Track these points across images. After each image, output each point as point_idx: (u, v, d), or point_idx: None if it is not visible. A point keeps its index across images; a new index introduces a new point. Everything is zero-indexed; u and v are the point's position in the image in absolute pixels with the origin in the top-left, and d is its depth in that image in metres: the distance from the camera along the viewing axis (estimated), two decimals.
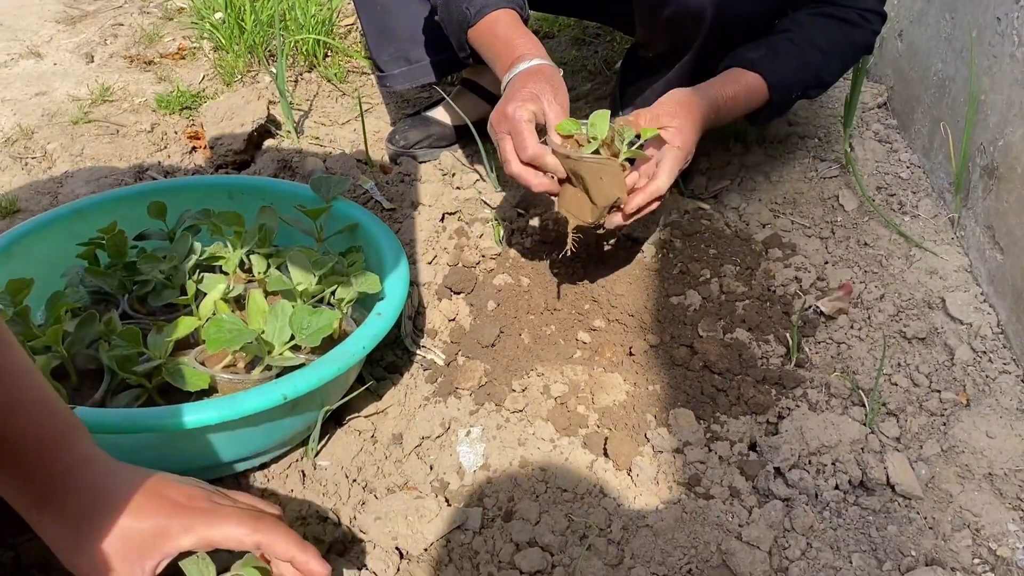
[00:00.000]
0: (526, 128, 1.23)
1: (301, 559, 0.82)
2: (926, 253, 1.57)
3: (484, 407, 1.32)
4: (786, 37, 1.50)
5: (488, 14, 1.36)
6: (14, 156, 1.94)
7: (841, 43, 1.52)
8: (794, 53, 1.49)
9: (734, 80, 1.45)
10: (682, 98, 1.35)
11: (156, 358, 1.08)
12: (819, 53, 1.49)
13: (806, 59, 1.49)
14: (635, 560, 1.09)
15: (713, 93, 1.40)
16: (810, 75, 1.51)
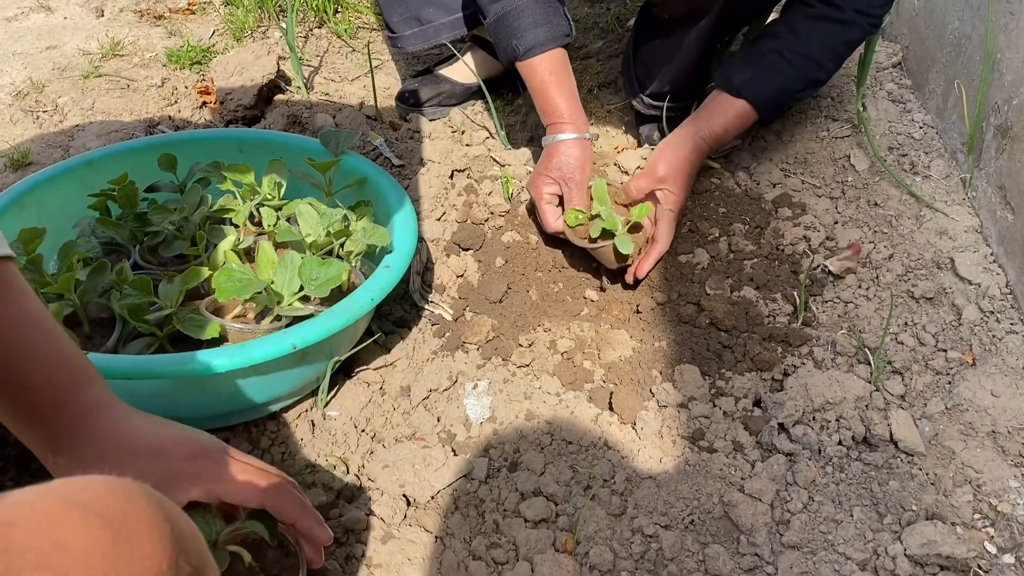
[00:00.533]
0: (547, 209, 1.48)
1: (304, 524, 0.83)
2: (936, 214, 1.56)
3: (491, 361, 1.33)
4: (776, 49, 1.51)
5: (535, 56, 1.48)
6: (25, 109, 1.95)
7: (836, 44, 1.52)
8: (783, 68, 1.51)
9: (722, 110, 1.55)
10: (672, 158, 1.49)
11: (167, 307, 1.09)
12: (810, 61, 1.51)
13: (796, 71, 1.52)
14: (638, 510, 1.10)
15: (703, 135, 1.53)
16: (801, 83, 1.55)
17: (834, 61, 1.54)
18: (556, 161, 1.48)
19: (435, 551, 1.06)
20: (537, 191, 1.48)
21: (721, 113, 1.54)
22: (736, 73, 1.53)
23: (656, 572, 1.04)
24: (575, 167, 1.47)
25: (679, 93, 1.69)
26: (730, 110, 1.52)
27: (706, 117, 1.54)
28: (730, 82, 1.52)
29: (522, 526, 1.09)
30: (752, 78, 1.52)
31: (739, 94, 1.52)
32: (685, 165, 1.48)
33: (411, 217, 1.26)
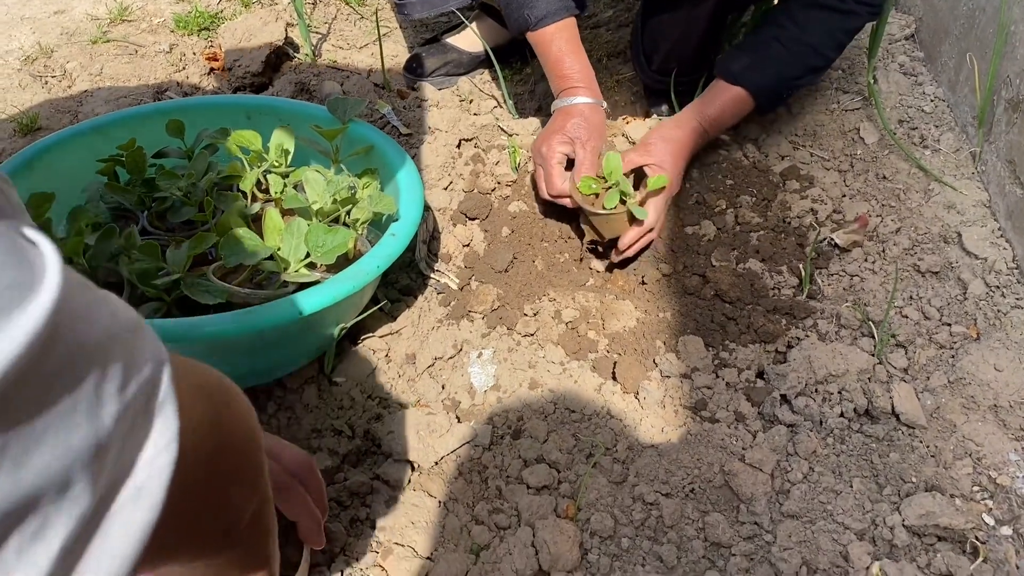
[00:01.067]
0: (556, 169, 1.44)
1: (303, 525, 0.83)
2: (945, 187, 1.56)
3: (496, 330, 1.34)
4: (775, 37, 1.51)
5: (547, 26, 1.47)
6: (34, 74, 1.95)
7: (836, 33, 1.51)
8: (781, 56, 1.51)
9: (718, 96, 1.55)
10: (667, 137, 1.48)
11: (175, 272, 1.10)
12: (809, 49, 1.50)
13: (794, 59, 1.51)
14: (639, 478, 1.11)
15: (700, 120, 1.52)
16: (800, 71, 1.54)
17: (834, 49, 1.53)
18: (573, 122, 1.45)
19: (439, 515, 1.08)
20: (549, 150, 1.44)
21: (718, 99, 1.54)
22: (734, 61, 1.54)
23: (656, 539, 1.06)
24: (591, 130, 1.45)
25: (686, 68, 1.68)
26: (727, 96, 1.53)
27: (704, 102, 1.54)
28: (728, 70, 1.53)
29: (524, 492, 1.11)
30: (750, 66, 1.52)
31: (736, 81, 1.52)
32: (680, 148, 1.47)
33: (417, 185, 1.27)
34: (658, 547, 1.04)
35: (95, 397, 0.30)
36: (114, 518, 0.32)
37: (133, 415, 0.33)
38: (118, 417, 0.31)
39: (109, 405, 0.31)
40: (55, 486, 0.28)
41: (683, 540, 1.05)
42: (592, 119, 1.46)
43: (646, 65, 1.73)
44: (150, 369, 0.34)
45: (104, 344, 0.31)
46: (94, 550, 0.31)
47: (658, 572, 1.02)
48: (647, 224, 1.38)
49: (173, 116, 1.35)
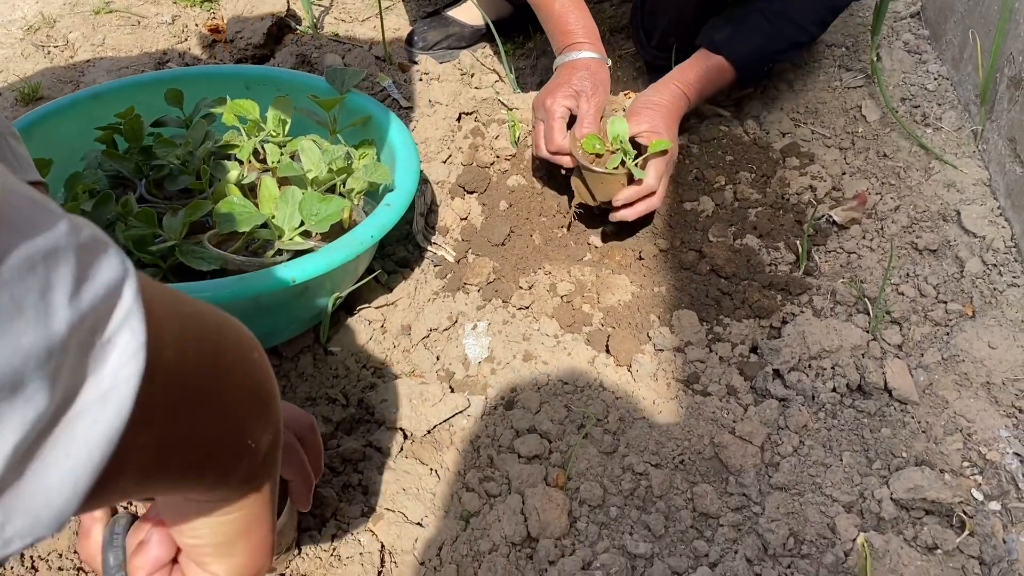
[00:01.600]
0: (557, 123, 1.39)
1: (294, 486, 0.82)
2: (946, 166, 1.55)
3: (491, 303, 1.34)
4: (759, 9, 1.50)
5: None
6: (36, 44, 1.95)
7: (820, 9, 1.51)
8: (763, 27, 1.51)
9: (700, 64, 1.53)
10: (654, 101, 1.45)
11: (171, 239, 1.11)
12: (792, 23, 1.50)
13: (777, 32, 1.51)
14: (629, 449, 1.12)
15: (678, 83, 1.50)
16: (782, 44, 1.54)
17: (817, 25, 1.53)
18: (578, 75, 1.41)
19: (430, 482, 1.09)
20: (553, 102, 1.40)
21: (697, 66, 1.53)
22: (717, 31, 1.53)
23: (644, 508, 1.06)
24: (597, 85, 1.41)
25: (685, 44, 1.67)
26: (707, 64, 1.52)
27: (685, 69, 1.53)
28: (711, 39, 1.53)
29: (515, 461, 1.12)
30: (731, 36, 1.52)
31: (717, 50, 1.52)
32: (669, 112, 1.44)
33: (414, 156, 1.27)
34: (646, 516, 1.05)
35: (43, 303, 0.32)
36: (78, 419, 0.34)
37: (92, 324, 0.35)
38: (71, 324, 0.33)
39: (60, 312, 0.33)
40: (7, 385, 0.30)
41: (671, 510, 1.06)
42: (598, 74, 1.43)
43: (646, 41, 1.73)
44: (108, 282, 0.36)
45: (51, 255, 0.33)
46: (56, 448, 0.33)
47: (645, 541, 1.03)
48: (647, 186, 1.32)
49: (172, 85, 1.36)
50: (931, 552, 1.01)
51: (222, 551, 0.58)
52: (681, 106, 1.49)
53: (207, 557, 0.59)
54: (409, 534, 1.02)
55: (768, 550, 1.02)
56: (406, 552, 1.01)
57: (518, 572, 0.99)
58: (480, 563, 1.00)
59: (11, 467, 0.31)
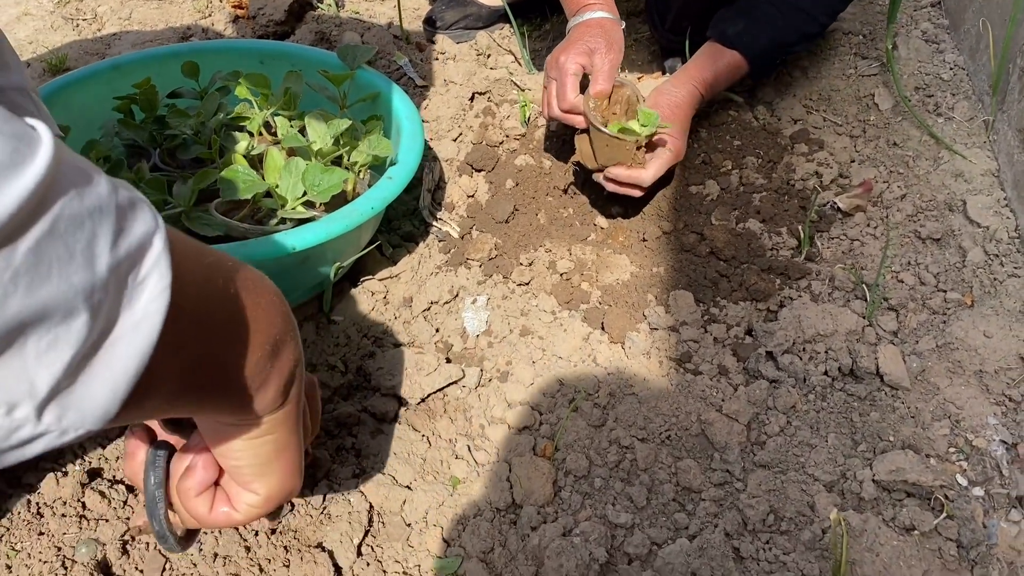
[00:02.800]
0: (570, 80, 1.37)
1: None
2: (955, 156, 1.54)
3: (492, 278, 1.37)
4: (771, 1, 1.50)
5: None
6: (66, 17, 2.00)
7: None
8: (775, 20, 1.50)
9: (714, 60, 1.52)
10: (666, 103, 1.44)
11: (179, 206, 1.15)
12: (801, 13, 1.50)
13: (788, 24, 1.51)
14: (617, 423, 1.15)
15: (696, 83, 1.49)
16: (793, 36, 1.53)
17: (827, 15, 1.53)
18: (592, 33, 1.39)
19: (421, 448, 1.12)
20: (567, 59, 1.37)
21: (713, 63, 1.53)
22: (729, 24, 1.53)
23: (628, 480, 1.09)
24: (611, 43, 1.38)
25: (698, 26, 1.67)
26: (721, 60, 1.52)
27: (699, 66, 1.52)
28: (724, 33, 1.52)
29: (506, 431, 1.15)
30: (745, 29, 1.51)
31: (732, 45, 1.51)
32: (678, 110, 1.44)
33: (419, 132, 1.29)
34: (630, 488, 1.07)
35: (89, 250, 0.41)
36: (117, 343, 0.44)
37: (128, 267, 0.44)
38: (111, 267, 0.42)
39: (102, 258, 0.42)
40: (61, 312, 0.40)
41: (655, 483, 1.09)
42: (612, 32, 1.41)
43: (660, 24, 1.73)
44: (141, 235, 0.44)
45: (95, 212, 0.42)
46: (100, 363, 0.43)
47: (627, 511, 1.05)
48: (642, 178, 1.34)
49: (189, 58, 1.39)
50: (908, 533, 1.02)
51: (260, 471, 0.67)
52: (697, 104, 1.51)
53: (247, 477, 0.68)
54: (397, 496, 1.05)
55: (747, 525, 1.04)
56: (394, 513, 1.04)
57: (500, 536, 1.02)
58: (464, 526, 1.03)
59: (67, 375, 0.41)
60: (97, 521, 1.01)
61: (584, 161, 1.40)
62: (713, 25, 1.56)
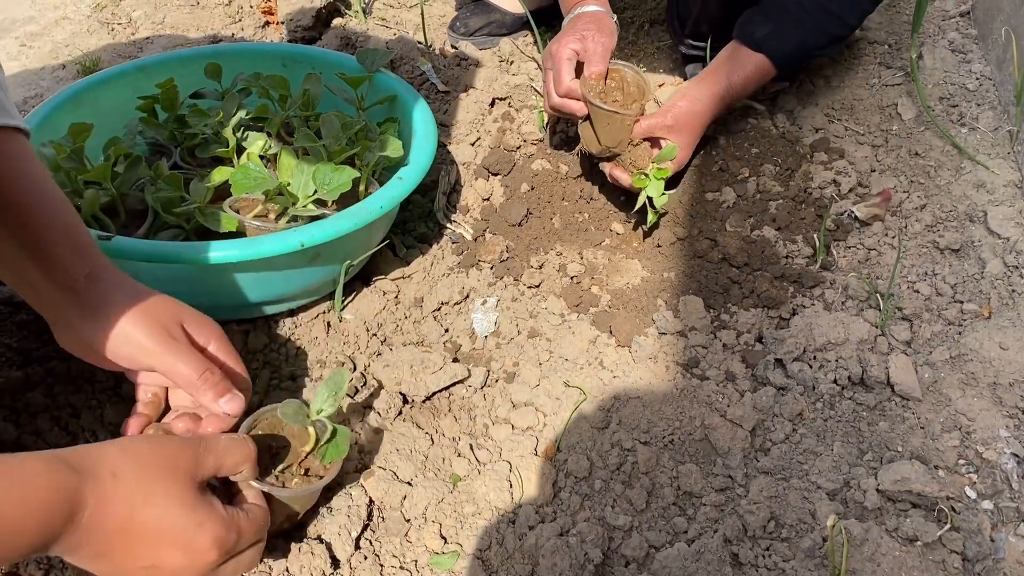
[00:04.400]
0: (565, 65, 1.38)
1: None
2: (977, 166, 1.52)
3: (503, 280, 1.38)
4: (797, 1, 1.48)
5: None
6: (102, 21, 2.06)
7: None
8: (803, 22, 1.48)
9: (742, 65, 1.51)
10: (685, 109, 1.44)
11: (195, 203, 1.17)
12: (831, 16, 1.48)
13: (817, 26, 1.49)
14: (620, 426, 1.14)
15: (721, 89, 1.48)
16: (823, 39, 1.51)
17: (856, 17, 1.50)
18: (583, 23, 1.42)
19: (423, 446, 1.13)
20: (559, 48, 1.40)
21: (740, 67, 1.51)
22: (756, 26, 1.50)
23: (629, 483, 1.09)
24: (602, 29, 1.40)
25: (718, 33, 1.67)
26: (749, 64, 1.50)
27: (726, 72, 1.51)
28: (750, 35, 1.50)
29: (509, 432, 1.15)
30: (772, 32, 1.49)
31: (759, 48, 1.49)
32: (697, 119, 1.44)
33: (432, 134, 1.31)
34: (630, 491, 1.07)
35: None
36: None
37: None
38: None
39: None
40: None
41: (655, 487, 1.08)
42: (603, 21, 1.43)
43: (679, 29, 1.73)
44: None
45: None
46: None
47: (626, 514, 1.05)
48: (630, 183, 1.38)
49: (212, 60, 1.43)
50: (911, 543, 1.01)
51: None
52: (718, 112, 1.50)
53: None
54: (398, 491, 1.06)
55: (747, 531, 1.03)
56: (393, 508, 1.05)
57: (498, 534, 1.02)
58: (463, 524, 1.04)
59: None
60: None
61: (588, 146, 1.42)
62: (739, 26, 1.54)
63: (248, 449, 0.85)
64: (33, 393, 1.14)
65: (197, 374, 0.90)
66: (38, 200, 0.89)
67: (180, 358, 0.90)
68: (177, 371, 0.90)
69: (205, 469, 0.80)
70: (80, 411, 1.13)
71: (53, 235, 0.90)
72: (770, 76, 1.53)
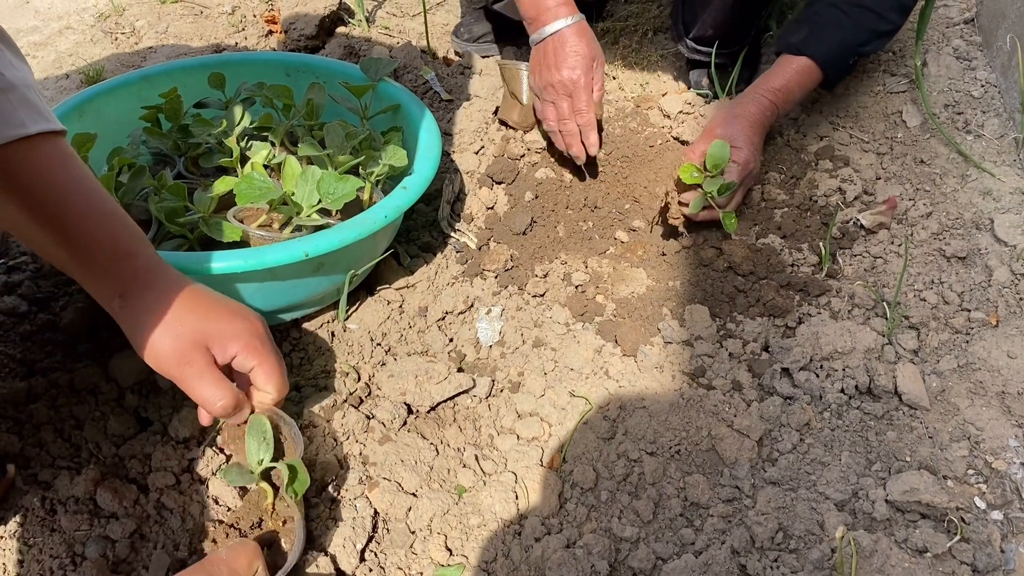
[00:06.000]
0: (574, 143, 1.45)
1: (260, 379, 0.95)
2: (983, 173, 1.52)
3: (507, 289, 1.37)
4: (831, 3, 1.47)
5: None
6: (105, 31, 2.06)
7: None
8: (841, 21, 1.47)
9: (783, 69, 1.50)
10: (728, 115, 1.44)
11: (199, 213, 1.17)
12: (868, 12, 1.46)
13: (856, 24, 1.47)
14: (627, 437, 1.14)
15: (762, 91, 1.48)
16: (864, 35, 1.49)
17: (897, 11, 1.48)
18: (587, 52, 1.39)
19: (428, 456, 1.12)
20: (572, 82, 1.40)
21: (781, 72, 1.50)
22: (793, 34, 1.51)
23: (635, 494, 1.08)
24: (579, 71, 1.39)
25: (724, 38, 1.67)
26: (792, 68, 1.49)
27: (770, 76, 1.50)
28: (788, 43, 1.50)
29: (515, 442, 1.14)
30: (810, 34, 1.49)
31: (799, 52, 1.48)
32: (743, 121, 1.43)
33: (436, 143, 1.31)
34: (636, 502, 1.06)
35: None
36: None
37: None
38: None
39: None
40: None
41: (662, 498, 1.07)
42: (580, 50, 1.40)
43: (684, 33, 1.73)
44: None
45: None
46: None
47: (633, 525, 1.04)
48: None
49: (216, 69, 1.42)
50: (920, 555, 1.00)
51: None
52: (769, 115, 1.48)
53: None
54: (403, 503, 1.05)
55: (755, 542, 1.02)
56: (398, 520, 1.04)
57: (504, 546, 1.02)
58: (468, 535, 1.03)
59: None
60: (108, 519, 1.02)
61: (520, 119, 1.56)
62: (780, 39, 1.54)
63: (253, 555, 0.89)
64: (37, 404, 1.13)
65: (208, 405, 0.92)
66: (78, 210, 0.89)
67: (193, 389, 0.91)
68: (195, 398, 0.92)
69: None
70: (83, 423, 1.12)
71: (92, 250, 0.90)
72: (816, 79, 1.51)
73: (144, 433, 1.13)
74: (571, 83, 1.40)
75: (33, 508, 1.02)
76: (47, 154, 0.88)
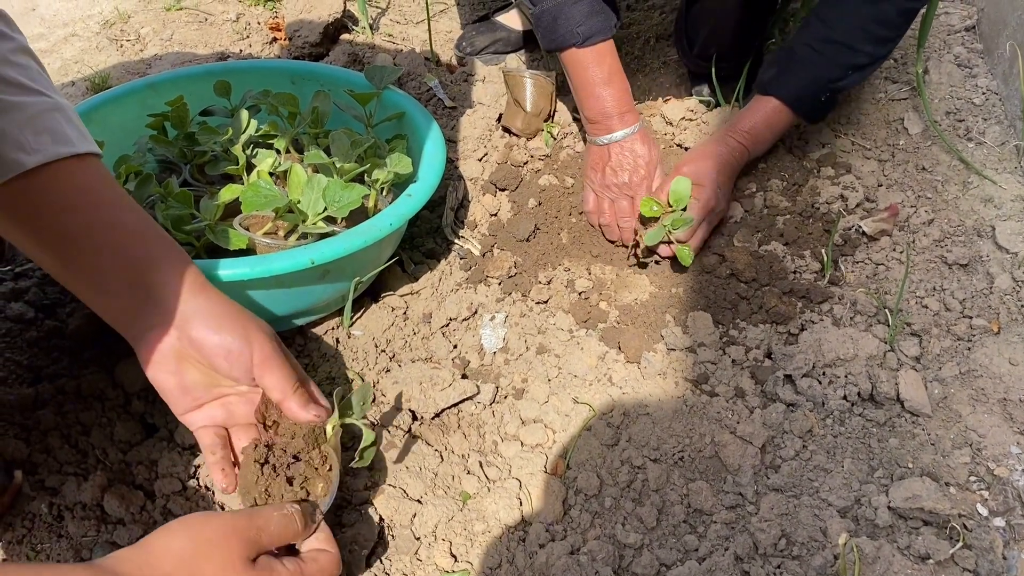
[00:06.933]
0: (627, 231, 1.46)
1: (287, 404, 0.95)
2: (984, 181, 1.52)
3: (511, 296, 1.38)
4: (804, 41, 1.45)
5: (594, 45, 1.39)
6: (111, 38, 2.07)
7: (867, 25, 1.40)
8: (811, 58, 1.45)
9: (752, 111, 1.52)
10: (698, 155, 1.46)
11: (205, 220, 1.18)
12: (839, 46, 1.42)
13: (828, 60, 1.44)
14: (630, 444, 1.14)
15: (733, 133, 1.50)
16: (837, 71, 1.45)
17: (871, 43, 1.43)
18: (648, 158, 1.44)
19: (433, 463, 1.13)
20: (603, 216, 1.47)
21: (751, 113, 1.51)
22: (765, 72, 1.51)
23: (639, 501, 1.08)
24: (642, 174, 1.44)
25: (726, 52, 1.67)
26: (759, 109, 1.50)
27: (738, 117, 1.52)
28: (760, 82, 1.51)
29: (519, 449, 1.15)
30: (778, 74, 1.48)
31: (767, 92, 1.50)
32: (710, 161, 1.43)
33: (440, 151, 1.31)
34: (640, 509, 1.07)
35: None
36: None
37: None
38: None
39: None
40: None
41: (666, 504, 1.08)
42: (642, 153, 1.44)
43: (688, 49, 1.74)
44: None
45: None
46: None
47: (636, 532, 1.05)
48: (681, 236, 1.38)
49: (222, 77, 1.43)
50: (923, 561, 1.00)
51: None
52: (737, 156, 1.49)
53: None
54: (407, 509, 1.06)
55: (758, 549, 1.03)
56: (403, 526, 1.05)
57: (508, 553, 1.02)
58: (473, 542, 1.04)
59: None
60: (115, 525, 1.03)
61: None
62: (757, 77, 1.55)
63: (296, 527, 0.87)
64: (43, 411, 1.14)
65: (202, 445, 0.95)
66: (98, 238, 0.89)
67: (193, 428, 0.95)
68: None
69: (257, 549, 0.81)
70: (90, 429, 1.13)
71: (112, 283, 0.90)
72: (787, 119, 1.51)
73: (150, 439, 1.14)
74: (635, 185, 1.43)
75: (40, 514, 1.03)
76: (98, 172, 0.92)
